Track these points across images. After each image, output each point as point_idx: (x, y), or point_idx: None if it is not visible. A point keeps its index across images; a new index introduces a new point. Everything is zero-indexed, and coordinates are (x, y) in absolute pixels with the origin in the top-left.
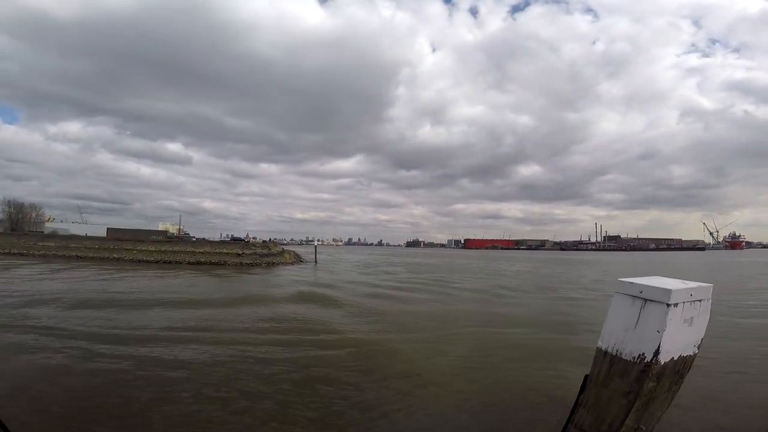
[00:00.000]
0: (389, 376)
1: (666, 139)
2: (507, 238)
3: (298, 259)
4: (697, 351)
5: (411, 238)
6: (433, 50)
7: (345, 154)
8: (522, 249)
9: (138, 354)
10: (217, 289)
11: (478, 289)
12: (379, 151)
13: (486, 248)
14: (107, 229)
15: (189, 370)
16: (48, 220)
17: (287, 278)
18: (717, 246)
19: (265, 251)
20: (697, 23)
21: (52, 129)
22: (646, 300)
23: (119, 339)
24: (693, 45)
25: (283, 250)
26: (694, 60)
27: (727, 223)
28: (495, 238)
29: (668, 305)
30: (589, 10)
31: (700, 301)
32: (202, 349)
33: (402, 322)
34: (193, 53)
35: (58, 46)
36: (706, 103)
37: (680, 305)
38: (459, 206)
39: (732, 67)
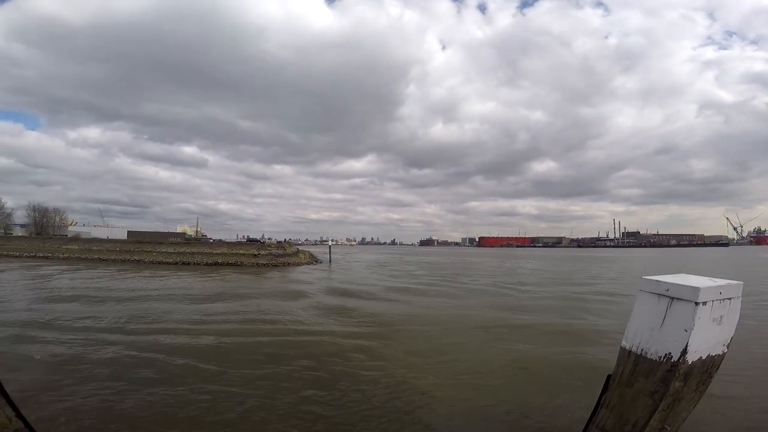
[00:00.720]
0: (402, 368)
1: (684, 133)
2: (522, 236)
3: (313, 259)
4: (726, 350)
5: (424, 237)
6: (443, 48)
7: (357, 154)
8: (538, 246)
9: (157, 346)
10: (235, 288)
11: (491, 292)
12: (391, 150)
13: (501, 246)
14: (128, 232)
15: (214, 363)
16: (71, 224)
17: (302, 278)
18: (741, 241)
19: (280, 252)
20: (711, 15)
21: (72, 134)
22: (672, 298)
23: (141, 331)
24: (709, 38)
25: (298, 251)
26: (710, 53)
27: (751, 218)
28: (510, 236)
29: (696, 304)
30: (599, 4)
31: (729, 299)
32: (221, 342)
33: (412, 325)
34: (206, 57)
35: (73, 52)
36: (726, 96)
37: (709, 304)
38: (473, 204)
39: (751, 60)
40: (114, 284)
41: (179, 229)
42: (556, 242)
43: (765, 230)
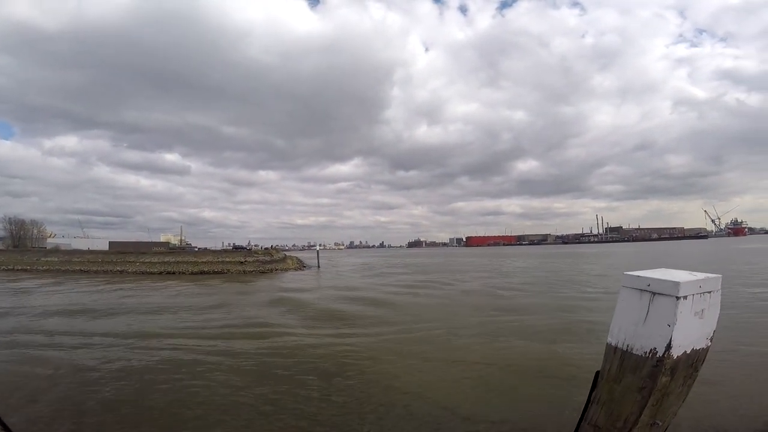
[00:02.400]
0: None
1: (661, 130)
2: (509, 234)
3: (301, 265)
4: (710, 343)
5: (412, 239)
6: (426, 50)
7: (343, 158)
8: (524, 244)
9: (162, 354)
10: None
11: (479, 303)
12: (377, 153)
13: (488, 245)
14: (109, 242)
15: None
16: (50, 236)
17: (293, 283)
18: (720, 233)
19: (267, 258)
20: (682, 14)
21: (48, 143)
22: (654, 293)
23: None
24: (680, 35)
25: (285, 257)
26: (682, 50)
27: (728, 210)
28: (497, 235)
29: (677, 298)
30: (575, 3)
31: (709, 292)
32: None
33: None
34: (188, 62)
35: (48, 58)
36: (698, 92)
37: (690, 298)
38: (459, 204)
39: (721, 56)
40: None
41: (163, 239)
42: (542, 239)
43: (741, 222)
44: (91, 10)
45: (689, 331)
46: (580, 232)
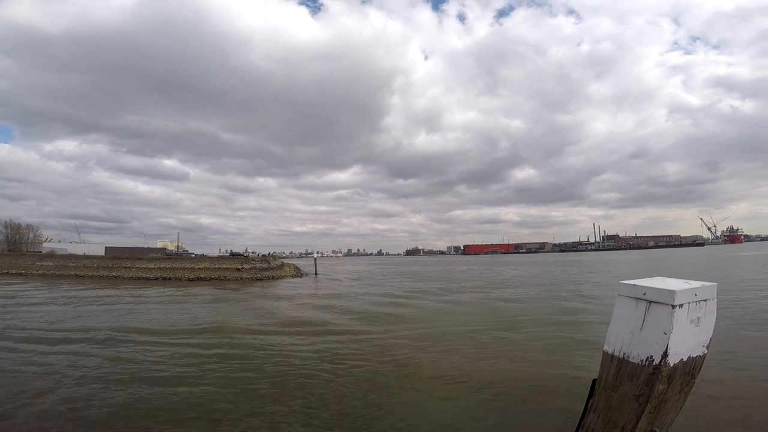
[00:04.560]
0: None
1: (656, 137)
2: (506, 242)
3: (298, 272)
4: (706, 351)
5: (410, 247)
6: (426, 58)
7: (342, 166)
8: (522, 252)
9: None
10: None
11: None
12: (376, 161)
13: (486, 253)
14: (106, 247)
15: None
16: (45, 240)
17: (290, 292)
18: (716, 241)
19: (264, 265)
20: (676, 21)
21: (48, 147)
22: (650, 302)
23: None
24: (675, 43)
25: (283, 264)
26: (677, 58)
27: (724, 218)
28: (494, 243)
29: (673, 306)
30: (571, 11)
31: (705, 300)
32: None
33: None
34: (188, 68)
35: (48, 62)
36: (693, 99)
37: (685, 306)
38: (457, 212)
39: (714, 64)
40: None
41: (159, 245)
42: (539, 248)
43: (737, 229)
44: (93, 14)
45: (685, 339)
46: (578, 240)
